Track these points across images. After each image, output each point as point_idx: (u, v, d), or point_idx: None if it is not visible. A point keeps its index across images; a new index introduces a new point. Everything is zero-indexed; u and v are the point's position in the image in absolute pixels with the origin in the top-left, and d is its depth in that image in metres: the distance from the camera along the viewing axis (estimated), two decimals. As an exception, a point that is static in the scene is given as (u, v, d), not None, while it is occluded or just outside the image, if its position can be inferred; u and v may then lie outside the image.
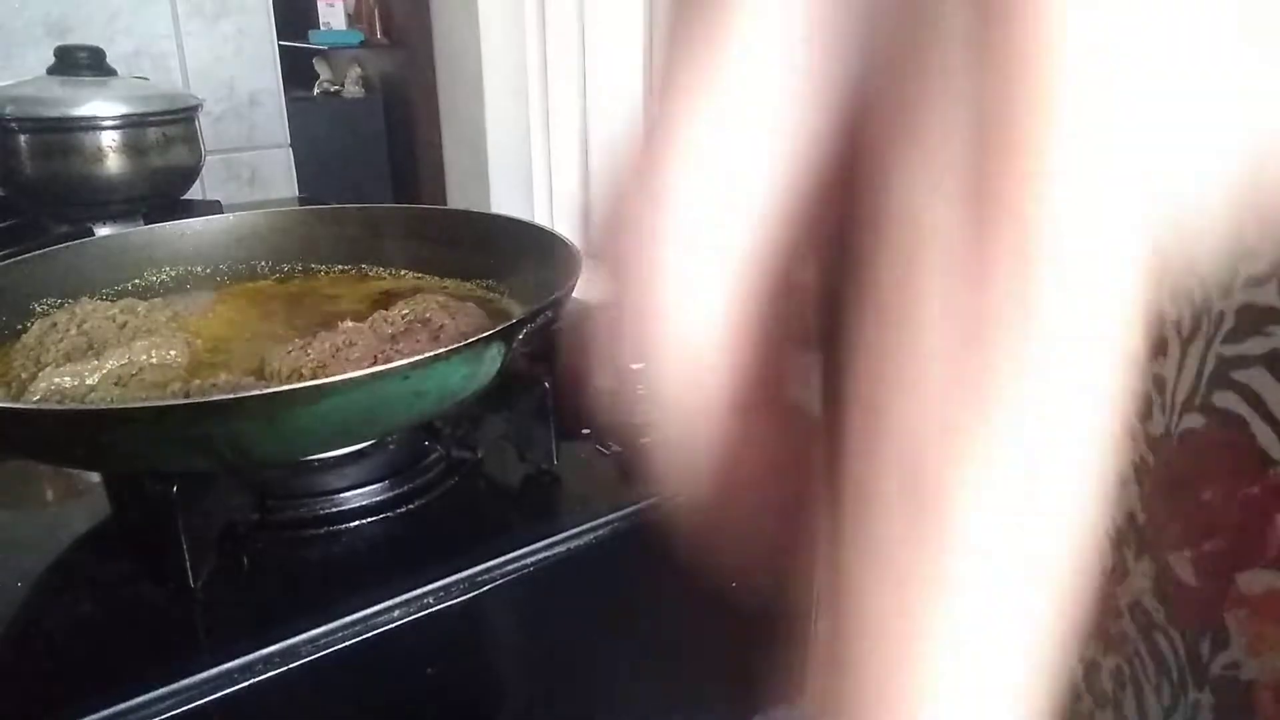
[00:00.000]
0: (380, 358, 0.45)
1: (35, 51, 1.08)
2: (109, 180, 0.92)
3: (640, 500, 0.43)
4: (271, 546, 0.40)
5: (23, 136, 0.89)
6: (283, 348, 0.46)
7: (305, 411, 0.35)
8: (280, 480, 0.42)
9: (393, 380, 0.36)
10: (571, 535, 0.41)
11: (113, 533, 0.42)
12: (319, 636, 0.34)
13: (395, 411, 0.38)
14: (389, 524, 0.41)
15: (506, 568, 0.39)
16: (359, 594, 0.36)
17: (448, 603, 0.37)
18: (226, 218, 0.61)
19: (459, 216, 0.60)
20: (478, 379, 0.41)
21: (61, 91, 0.91)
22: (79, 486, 0.47)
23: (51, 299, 0.52)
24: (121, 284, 0.56)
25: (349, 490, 0.42)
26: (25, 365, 0.45)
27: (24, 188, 0.92)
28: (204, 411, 0.34)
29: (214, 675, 0.32)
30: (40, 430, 0.36)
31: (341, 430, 0.39)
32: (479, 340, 0.39)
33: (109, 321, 0.49)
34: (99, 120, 0.90)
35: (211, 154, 1.17)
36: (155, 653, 0.33)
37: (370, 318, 0.49)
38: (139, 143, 0.93)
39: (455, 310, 0.50)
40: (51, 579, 0.39)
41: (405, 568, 0.38)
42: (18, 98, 0.90)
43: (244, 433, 0.35)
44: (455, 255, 0.58)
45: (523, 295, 0.53)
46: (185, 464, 0.36)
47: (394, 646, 0.36)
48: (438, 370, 0.38)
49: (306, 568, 0.39)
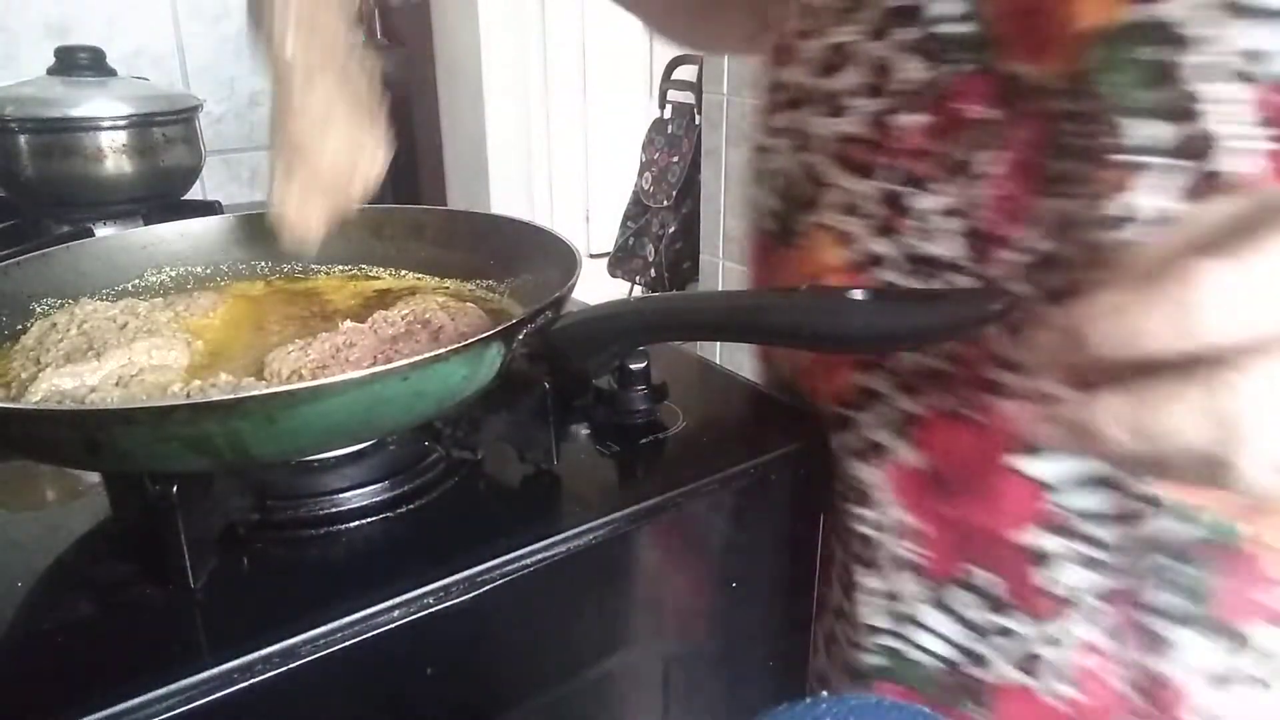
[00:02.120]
0: (380, 358, 0.45)
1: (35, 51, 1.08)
2: (109, 180, 0.92)
3: (640, 500, 0.43)
4: (271, 547, 0.40)
5: (23, 137, 0.89)
6: (283, 349, 0.46)
7: (306, 411, 0.35)
8: (280, 481, 0.42)
9: (393, 381, 0.36)
10: (571, 535, 0.41)
11: (112, 533, 0.42)
12: (319, 636, 0.34)
13: (395, 412, 0.38)
14: (389, 524, 0.42)
15: (506, 568, 0.39)
16: (359, 594, 0.36)
17: (448, 603, 0.37)
18: (226, 218, 0.60)
19: (458, 217, 0.59)
20: (478, 379, 0.41)
21: (61, 92, 0.91)
22: (79, 487, 0.47)
23: (51, 299, 0.52)
24: (121, 284, 0.56)
25: (349, 490, 0.42)
26: (25, 366, 0.45)
27: (24, 188, 0.92)
28: (205, 412, 0.34)
29: (213, 676, 0.32)
30: (42, 430, 0.36)
31: (342, 430, 0.39)
32: (479, 341, 0.39)
33: (109, 322, 0.49)
34: (99, 120, 0.90)
35: (211, 154, 1.17)
36: (155, 653, 0.33)
37: (370, 318, 0.49)
38: (139, 143, 0.93)
39: (455, 311, 0.50)
40: (51, 579, 0.39)
41: (405, 568, 0.38)
42: (18, 98, 0.90)
43: (245, 432, 0.35)
44: (454, 256, 0.58)
45: (522, 296, 0.53)
46: (186, 464, 0.36)
47: (394, 647, 0.36)
48: (438, 371, 0.38)
49: (306, 568, 0.39)
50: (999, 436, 0.42)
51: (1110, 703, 0.42)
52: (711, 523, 0.47)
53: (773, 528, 0.51)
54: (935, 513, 0.45)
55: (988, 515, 0.43)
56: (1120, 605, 0.41)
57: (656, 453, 0.48)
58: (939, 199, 0.43)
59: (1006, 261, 0.41)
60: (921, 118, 0.43)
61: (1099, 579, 0.41)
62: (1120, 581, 0.41)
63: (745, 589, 0.50)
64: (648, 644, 0.47)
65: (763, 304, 0.43)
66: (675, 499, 0.44)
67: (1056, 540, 0.42)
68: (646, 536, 0.43)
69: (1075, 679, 0.43)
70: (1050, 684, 0.43)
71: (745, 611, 0.52)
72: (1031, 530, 0.42)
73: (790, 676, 0.55)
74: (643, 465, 0.47)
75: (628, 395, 0.49)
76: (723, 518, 0.47)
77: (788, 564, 0.52)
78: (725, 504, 0.47)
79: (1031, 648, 0.43)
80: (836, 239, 0.47)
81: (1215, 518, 0.39)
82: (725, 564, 0.49)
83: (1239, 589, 0.39)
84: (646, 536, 0.43)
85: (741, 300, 0.47)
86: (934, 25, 0.42)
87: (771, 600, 0.53)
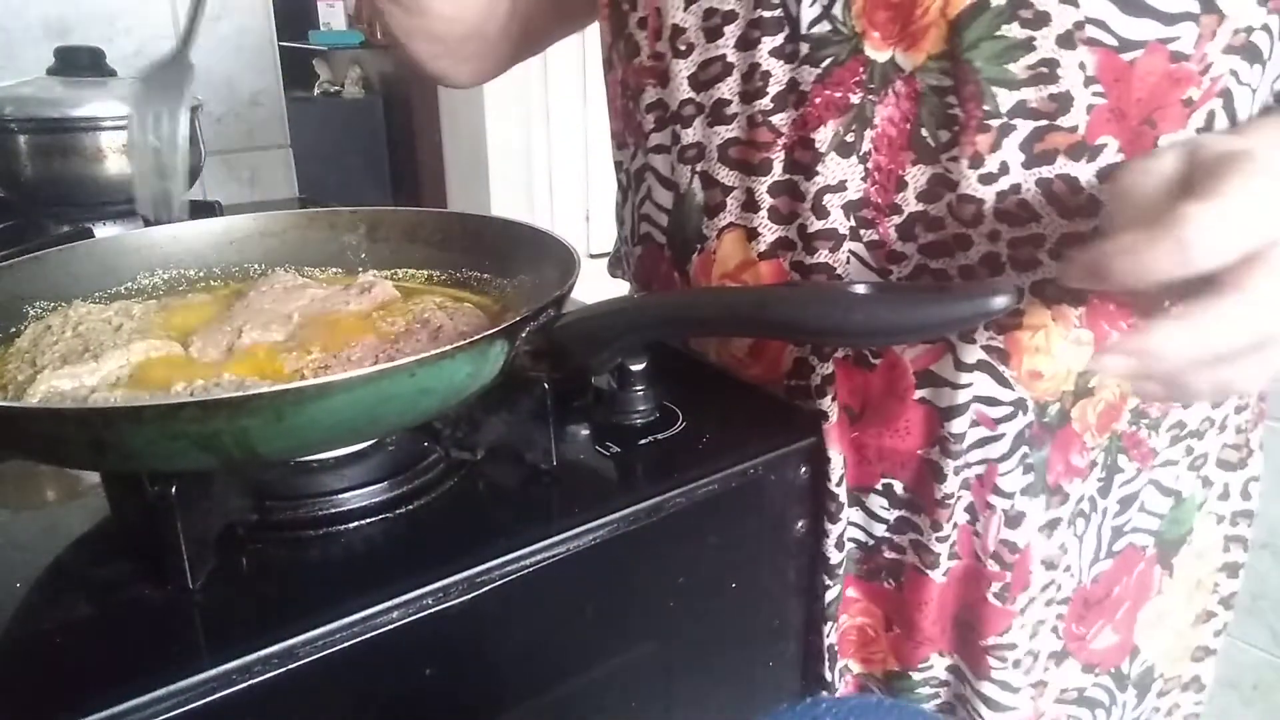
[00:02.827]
0: (382, 357, 0.45)
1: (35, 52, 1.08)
2: (109, 181, 0.92)
3: (640, 500, 0.43)
4: (270, 547, 0.40)
5: (22, 137, 0.89)
6: (285, 349, 0.46)
7: (313, 408, 0.35)
8: (279, 481, 0.42)
9: (400, 377, 0.36)
10: (571, 535, 0.41)
11: (111, 533, 0.42)
12: (318, 637, 0.34)
13: (401, 409, 0.38)
14: (388, 525, 0.41)
15: (506, 568, 0.39)
16: (358, 595, 0.36)
17: (447, 603, 0.37)
18: (220, 221, 0.60)
19: (455, 219, 0.59)
20: (481, 377, 0.41)
21: (61, 92, 0.91)
22: (78, 487, 0.47)
23: (45, 302, 0.52)
24: (115, 287, 0.56)
25: (348, 491, 0.42)
26: (21, 368, 0.45)
27: (24, 188, 0.92)
28: (214, 409, 0.34)
29: (212, 676, 0.32)
30: (48, 430, 0.36)
31: (348, 427, 0.39)
32: (484, 338, 0.39)
33: (104, 324, 0.49)
34: (99, 120, 0.90)
35: (211, 154, 1.17)
36: (154, 654, 0.33)
37: (370, 318, 0.49)
38: (139, 143, 0.93)
39: (454, 311, 0.50)
40: (50, 580, 0.39)
41: (404, 568, 0.38)
42: (18, 98, 0.90)
43: (252, 430, 0.35)
44: (452, 257, 0.58)
45: (522, 297, 0.53)
46: (192, 463, 0.36)
47: (393, 647, 0.36)
48: (443, 368, 0.38)
49: (305, 569, 0.39)
50: (906, 376, 0.50)
51: (976, 572, 0.53)
52: (711, 523, 0.47)
53: (773, 528, 0.51)
54: (859, 441, 0.53)
55: (898, 439, 0.52)
56: (979, 493, 0.52)
57: (656, 453, 0.48)
58: (824, 179, 0.49)
59: (889, 225, 0.49)
60: (797, 111, 0.49)
61: (970, 473, 0.51)
62: (984, 472, 0.51)
63: (745, 589, 0.50)
64: (648, 645, 0.47)
65: (764, 300, 0.43)
66: (675, 499, 0.44)
67: (943, 452, 0.51)
68: (646, 536, 0.43)
69: (953, 555, 0.53)
70: (936, 563, 0.53)
71: (745, 612, 0.52)
72: (929, 448, 0.51)
73: (790, 677, 0.55)
74: (642, 465, 0.47)
75: (628, 395, 0.49)
76: (723, 518, 0.47)
77: (788, 564, 0.52)
78: (725, 504, 0.47)
79: (922, 537, 0.53)
80: (745, 234, 0.53)
81: (1060, 407, 0.50)
82: (725, 564, 0.49)
83: (1064, 458, 0.52)
84: (646, 536, 0.43)
85: (742, 297, 0.47)
86: (798, 28, 0.48)
87: (772, 601, 0.53)
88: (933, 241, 0.48)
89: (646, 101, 0.56)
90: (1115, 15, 0.43)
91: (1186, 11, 0.43)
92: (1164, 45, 0.43)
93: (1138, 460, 0.54)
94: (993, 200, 0.46)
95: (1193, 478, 0.57)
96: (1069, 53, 0.43)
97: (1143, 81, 0.44)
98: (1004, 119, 0.45)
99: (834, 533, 0.53)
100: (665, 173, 0.57)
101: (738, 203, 0.53)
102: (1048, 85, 0.44)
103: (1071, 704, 0.59)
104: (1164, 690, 0.63)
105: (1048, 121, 0.44)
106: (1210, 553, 0.61)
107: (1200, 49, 0.44)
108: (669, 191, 0.57)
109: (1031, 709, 0.57)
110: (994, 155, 0.45)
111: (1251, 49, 0.45)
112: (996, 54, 0.44)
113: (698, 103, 0.53)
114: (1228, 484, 0.60)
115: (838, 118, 0.48)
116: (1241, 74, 0.45)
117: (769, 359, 0.55)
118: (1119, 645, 0.59)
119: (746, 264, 0.53)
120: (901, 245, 0.49)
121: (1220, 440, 0.58)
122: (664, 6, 0.52)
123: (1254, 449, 0.61)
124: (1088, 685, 0.59)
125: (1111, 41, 0.43)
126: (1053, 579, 0.54)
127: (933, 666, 0.56)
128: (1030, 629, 0.55)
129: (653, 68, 0.54)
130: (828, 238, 0.50)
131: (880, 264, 0.50)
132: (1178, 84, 0.44)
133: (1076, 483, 0.53)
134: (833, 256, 0.50)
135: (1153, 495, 0.56)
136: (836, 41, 0.47)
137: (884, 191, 0.48)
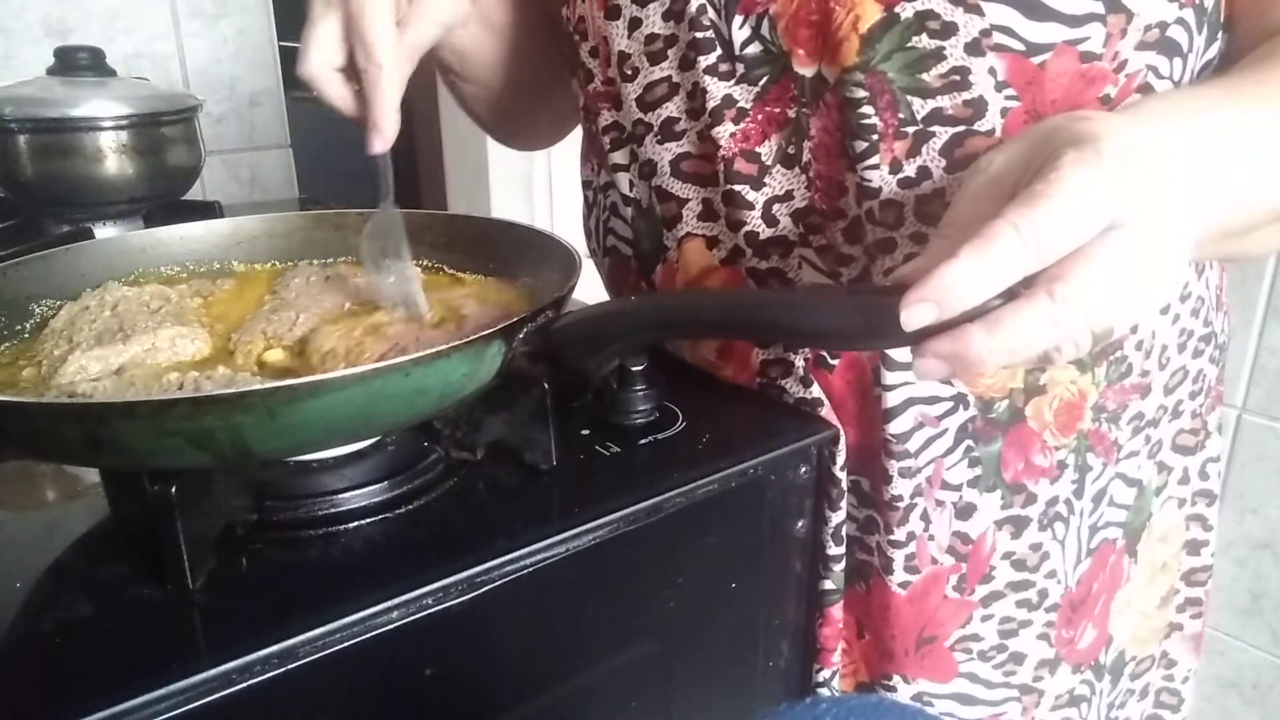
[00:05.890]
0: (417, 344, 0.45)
1: (35, 51, 1.08)
2: (109, 181, 0.92)
3: (640, 500, 0.43)
4: (270, 547, 0.40)
5: (23, 137, 0.89)
6: (331, 327, 0.47)
7: (307, 406, 0.35)
8: (279, 481, 0.42)
9: (394, 376, 0.36)
10: (571, 535, 0.41)
11: (111, 533, 0.42)
12: (318, 637, 0.34)
13: (396, 408, 0.38)
14: (388, 525, 0.41)
15: (506, 568, 0.39)
16: (358, 595, 0.36)
17: (447, 603, 0.37)
18: (226, 221, 0.60)
19: (460, 221, 0.60)
20: (479, 377, 0.41)
21: (61, 92, 0.91)
22: (78, 487, 0.47)
23: (50, 301, 0.52)
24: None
25: (348, 491, 0.42)
26: (58, 344, 0.46)
27: (24, 188, 0.92)
28: (206, 406, 0.34)
29: (212, 676, 0.32)
30: (43, 424, 0.36)
31: (343, 426, 0.39)
32: (480, 338, 0.39)
33: (141, 306, 0.50)
34: (99, 120, 0.90)
35: (211, 154, 1.17)
36: (153, 654, 0.33)
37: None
38: (139, 143, 0.93)
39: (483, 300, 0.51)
40: (49, 580, 0.39)
41: (404, 568, 0.38)
42: (18, 98, 0.90)
43: (245, 427, 0.35)
44: (453, 258, 0.58)
45: (523, 299, 0.53)
46: (186, 460, 0.36)
47: (393, 647, 0.36)
48: (439, 368, 0.38)
49: (305, 569, 0.39)
50: (866, 374, 0.51)
51: (934, 576, 0.54)
52: (711, 523, 0.47)
53: (773, 528, 0.51)
54: None
55: (862, 435, 0.53)
56: (929, 494, 0.52)
57: (656, 453, 0.48)
58: (771, 190, 0.51)
59: (835, 229, 0.50)
60: (737, 126, 0.51)
61: (920, 477, 0.52)
62: (932, 473, 0.52)
63: (745, 589, 0.50)
64: (647, 644, 0.47)
65: (763, 302, 0.43)
66: (675, 499, 0.44)
67: (886, 453, 0.51)
68: (646, 536, 0.43)
69: (911, 568, 0.53)
70: (890, 568, 0.54)
71: (745, 612, 0.52)
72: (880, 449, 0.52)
73: (790, 677, 0.55)
74: (642, 465, 0.47)
75: (628, 395, 0.49)
76: (723, 517, 0.47)
77: (788, 564, 0.52)
78: (725, 504, 0.47)
79: (880, 537, 0.54)
80: (705, 243, 0.55)
81: (1009, 404, 0.51)
82: (725, 564, 0.49)
83: (1024, 456, 0.52)
84: (646, 536, 0.43)
85: (742, 299, 0.47)
86: (732, 49, 0.50)
87: (772, 601, 0.53)
88: (873, 242, 0.49)
89: (603, 123, 0.59)
90: (1020, 21, 0.43)
91: (1091, 13, 0.43)
92: (1072, 46, 0.44)
93: (1104, 456, 0.55)
94: (913, 204, 0.47)
95: (1150, 465, 0.58)
96: (978, 59, 0.44)
97: (1055, 83, 0.45)
98: (919, 126, 0.46)
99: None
100: (625, 189, 0.60)
101: (693, 213, 0.55)
102: (961, 92, 0.45)
103: (1065, 707, 0.59)
104: (1136, 673, 0.64)
105: (965, 127, 0.46)
106: (1173, 534, 0.62)
107: (1111, 47, 0.44)
108: (629, 207, 0.60)
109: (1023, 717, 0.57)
110: (911, 161, 0.47)
111: (1168, 43, 0.45)
112: (909, 64, 0.45)
113: (647, 122, 0.55)
114: (1186, 467, 0.61)
115: (778, 131, 0.50)
116: (1160, 69, 0.46)
117: (738, 360, 0.56)
118: (1098, 639, 0.60)
119: (708, 270, 0.55)
120: (849, 248, 0.50)
121: (1176, 426, 0.59)
122: (610, 35, 0.55)
123: (1211, 431, 0.61)
124: (1076, 684, 0.59)
125: (1019, 46, 0.44)
126: (1027, 579, 0.55)
127: (897, 690, 0.56)
128: (999, 625, 0.55)
129: (606, 92, 0.57)
130: (779, 244, 0.52)
131: (830, 266, 0.51)
132: (1092, 83, 0.45)
133: (1044, 484, 0.53)
134: (784, 262, 0.52)
135: (1119, 488, 0.57)
136: (769, 60, 0.49)
137: (827, 198, 0.50)
